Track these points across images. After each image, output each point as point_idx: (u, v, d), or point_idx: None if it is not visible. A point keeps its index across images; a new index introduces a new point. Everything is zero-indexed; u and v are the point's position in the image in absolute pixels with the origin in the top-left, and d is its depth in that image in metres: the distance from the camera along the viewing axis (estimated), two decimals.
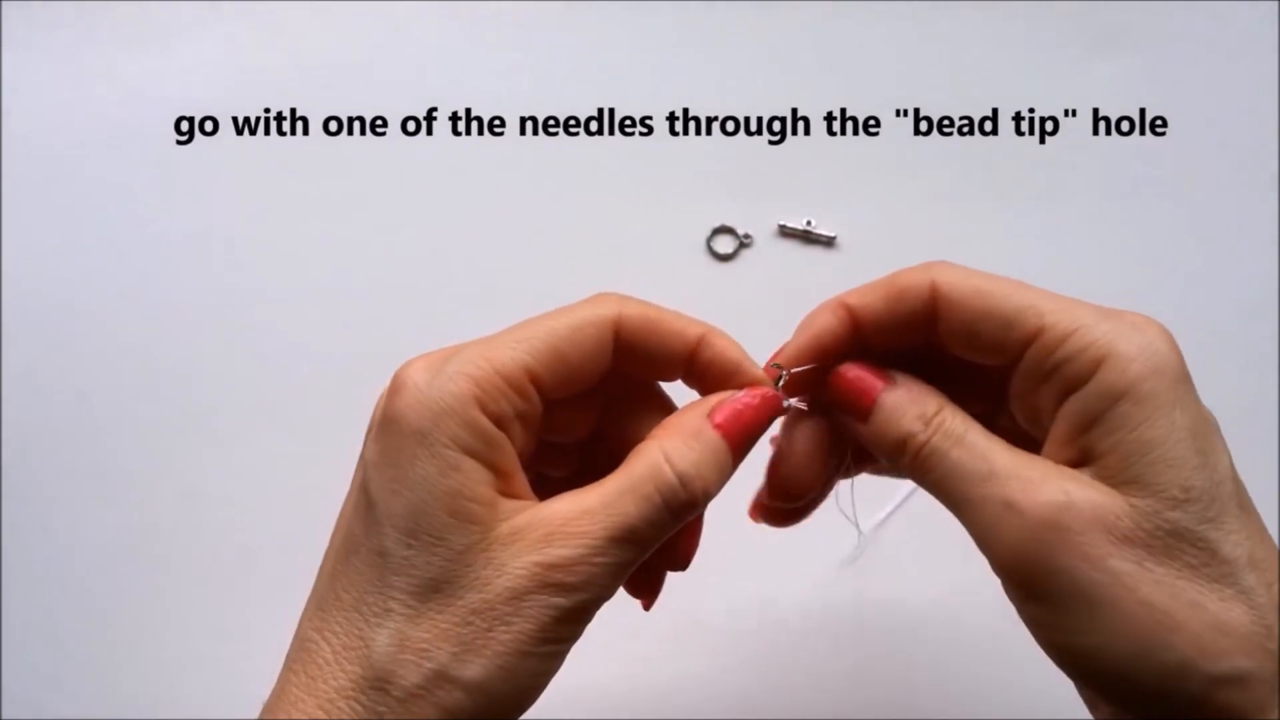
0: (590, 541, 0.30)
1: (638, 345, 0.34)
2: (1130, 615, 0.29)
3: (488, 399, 0.31)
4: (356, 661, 0.30)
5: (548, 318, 0.33)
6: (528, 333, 0.32)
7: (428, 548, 0.30)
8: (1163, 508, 0.29)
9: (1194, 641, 0.28)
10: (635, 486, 0.31)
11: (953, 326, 0.33)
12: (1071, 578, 0.29)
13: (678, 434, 0.32)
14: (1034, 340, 0.31)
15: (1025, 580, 0.30)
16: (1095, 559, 0.29)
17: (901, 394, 0.33)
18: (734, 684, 0.53)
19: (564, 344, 0.32)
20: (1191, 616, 0.28)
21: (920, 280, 0.33)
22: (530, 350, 0.32)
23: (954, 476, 0.31)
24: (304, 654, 0.31)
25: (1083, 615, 0.29)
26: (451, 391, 0.30)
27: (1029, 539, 0.30)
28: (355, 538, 0.31)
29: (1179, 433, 0.30)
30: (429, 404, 0.30)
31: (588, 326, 0.33)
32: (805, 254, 0.59)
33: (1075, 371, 0.31)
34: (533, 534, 0.30)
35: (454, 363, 0.31)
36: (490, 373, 0.31)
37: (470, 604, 0.30)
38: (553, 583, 0.30)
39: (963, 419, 0.33)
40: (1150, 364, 0.30)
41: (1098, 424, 0.30)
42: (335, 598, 0.31)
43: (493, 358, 0.31)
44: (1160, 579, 0.29)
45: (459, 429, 0.30)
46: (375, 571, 0.31)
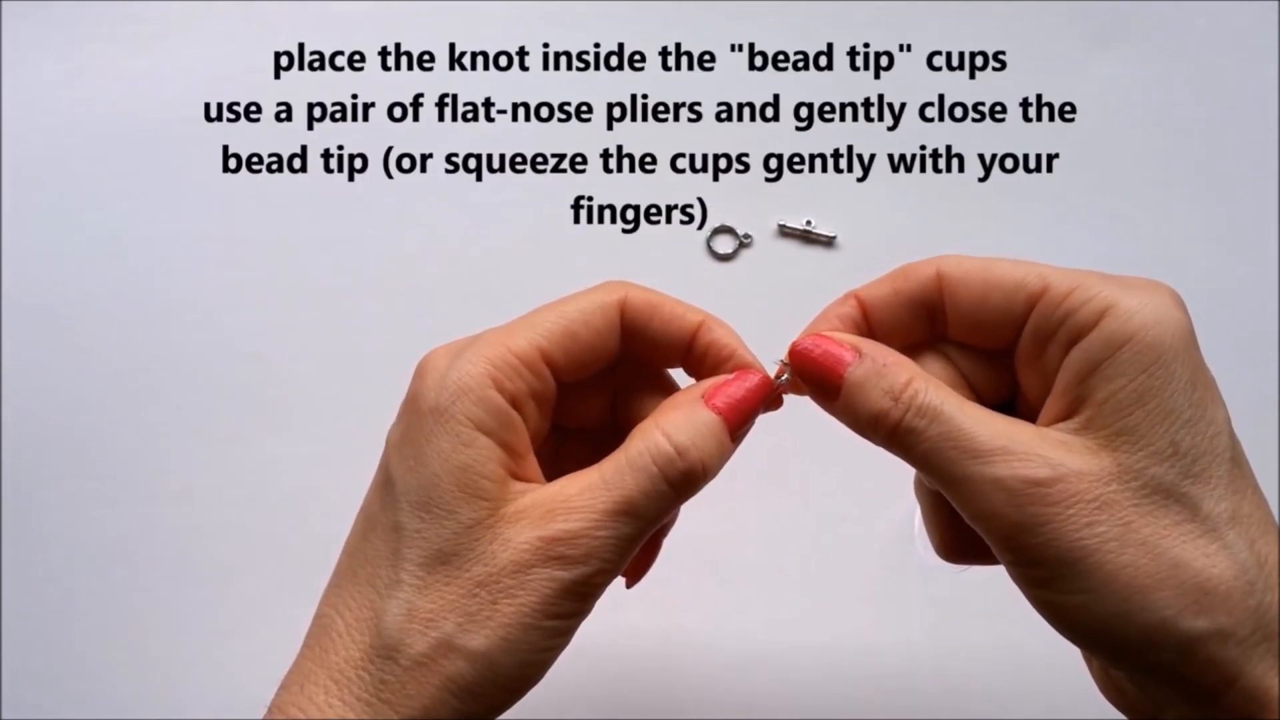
0: (591, 515, 0.31)
1: (641, 328, 0.35)
2: (1113, 577, 0.30)
3: (503, 378, 0.32)
4: (367, 633, 0.31)
5: (559, 304, 0.34)
6: (541, 317, 0.34)
7: (438, 520, 0.31)
8: (1150, 463, 0.30)
9: (1174, 600, 0.29)
10: (633, 460, 0.32)
11: (960, 304, 0.34)
12: (1060, 545, 0.30)
13: (673, 411, 0.33)
14: (1039, 299, 0.32)
15: (1015, 547, 0.31)
16: (1081, 526, 0.30)
17: (868, 367, 0.33)
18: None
19: (575, 325, 0.34)
20: (1172, 576, 0.29)
21: (926, 266, 0.34)
22: (544, 333, 0.33)
23: (936, 455, 0.31)
24: (319, 629, 0.33)
25: (1070, 578, 0.30)
26: (469, 372, 0.32)
27: (1017, 512, 0.30)
28: (373, 515, 0.33)
29: (1176, 384, 0.30)
30: (447, 384, 0.32)
31: (596, 309, 0.34)
32: (805, 254, 0.59)
33: (1080, 322, 0.31)
34: (536, 510, 0.32)
35: (473, 347, 0.33)
36: (505, 353, 0.33)
37: (476, 576, 0.31)
38: (555, 555, 0.31)
39: (935, 388, 0.32)
40: (1153, 316, 0.31)
41: (1097, 371, 0.31)
42: (352, 574, 0.33)
43: (508, 340, 0.33)
44: (1145, 539, 0.30)
45: (474, 406, 0.32)
46: (389, 545, 0.32)
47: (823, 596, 0.55)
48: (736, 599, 0.55)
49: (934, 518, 0.38)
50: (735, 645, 0.55)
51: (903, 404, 0.32)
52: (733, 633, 0.55)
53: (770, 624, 0.55)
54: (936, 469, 0.32)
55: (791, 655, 0.54)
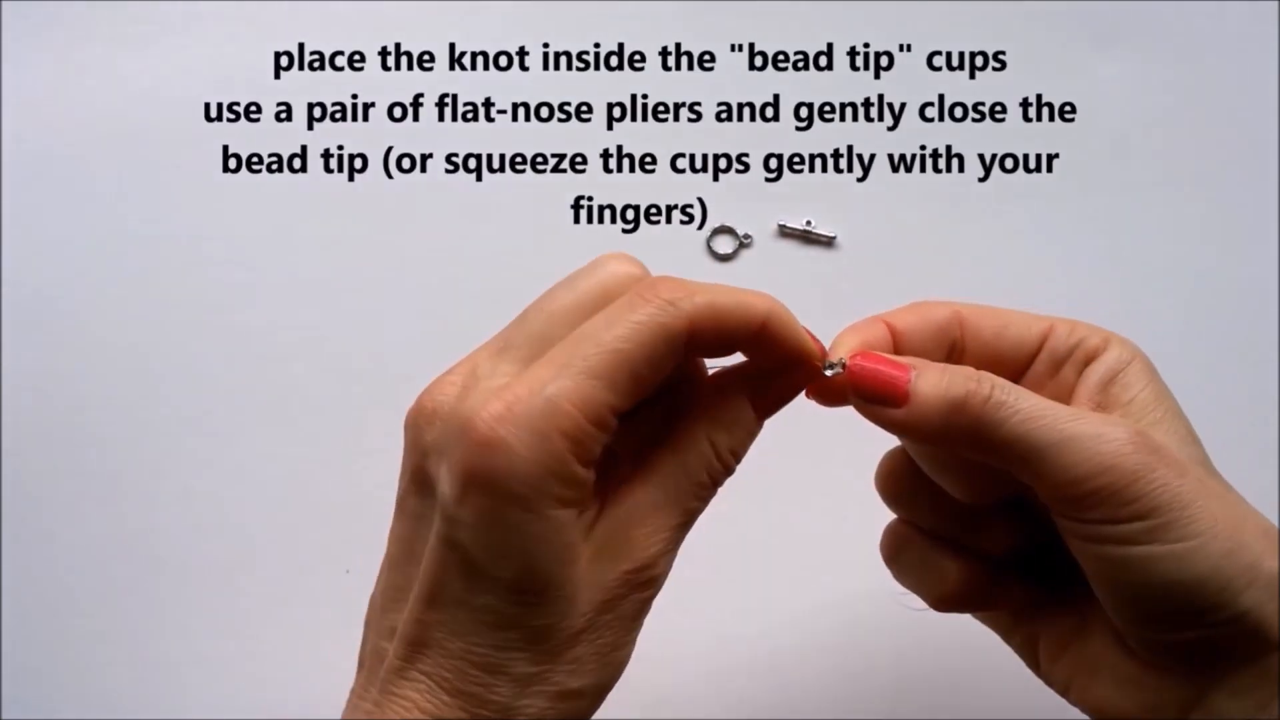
0: (664, 536, 0.33)
1: (708, 341, 0.33)
2: (1216, 520, 0.32)
3: (583, 451, 0.30)
4: (481, 704, 0.31)
5: (610, 330, 0.31)
6: (600, 358, 0.31)
7: (543, 603, 0.31)
8: (1183, 446, 0.34)
9: (1258, 541, 0.32)
10: (691, 475, 0.34)
11: (982, 334, 0.37)
12: (1172, 490, 0.32)
13: (720, 422, 0.34)
14: (1050, 333, 0.37)
15: (1130, 499, 0.32)
16: (1180, 475, 0.32)
17: (932, 369, 0.34)
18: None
19: (639, 366, 0.31)
20: (1245, 523, 0.33)
21: (942, 305, 0.38)
22: (611, 384, 0.31)
23: (1032, 421, 0.33)
24: (415, 692, 0.31)
25: (1182, 523, 0.32)
26: (549, 452, 0.30)
27: (1132, 459, 0.32)
28: (454, 593, 0.31)
29: (1171, 397, 0.36)
30: (531, 468, 0.30)
31: (659, 342, 0.31)
32: (805, 254, 0.59)
33: (1092, 345, 0.37)
34: (613, 543, 0.32)
35: (544, 415, 0.30)
36: (582, 423, 0.30)
37: (578, 627, 0.32)
38: (640, 583, 0.33)
39: (1001, 378, 0.34)
40: (1139, 352, 0.37)
41: (1117, 380, 0.36)
42: (438, 644, 0.31)
43: (577, 402, 0.30)
44: (1217, 493, 0.33)
45: (561, 489, 0.30)
46: (485, 627, 0.31)
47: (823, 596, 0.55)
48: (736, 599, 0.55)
49: (923, 574, 0.39)
50: (735, 645, 0.55)
51: (987, 382, 0.33)
52: (732, 633, 0.55)
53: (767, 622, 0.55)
54: (1031, 439, 0.32)
55: (791, 656, 0.54)
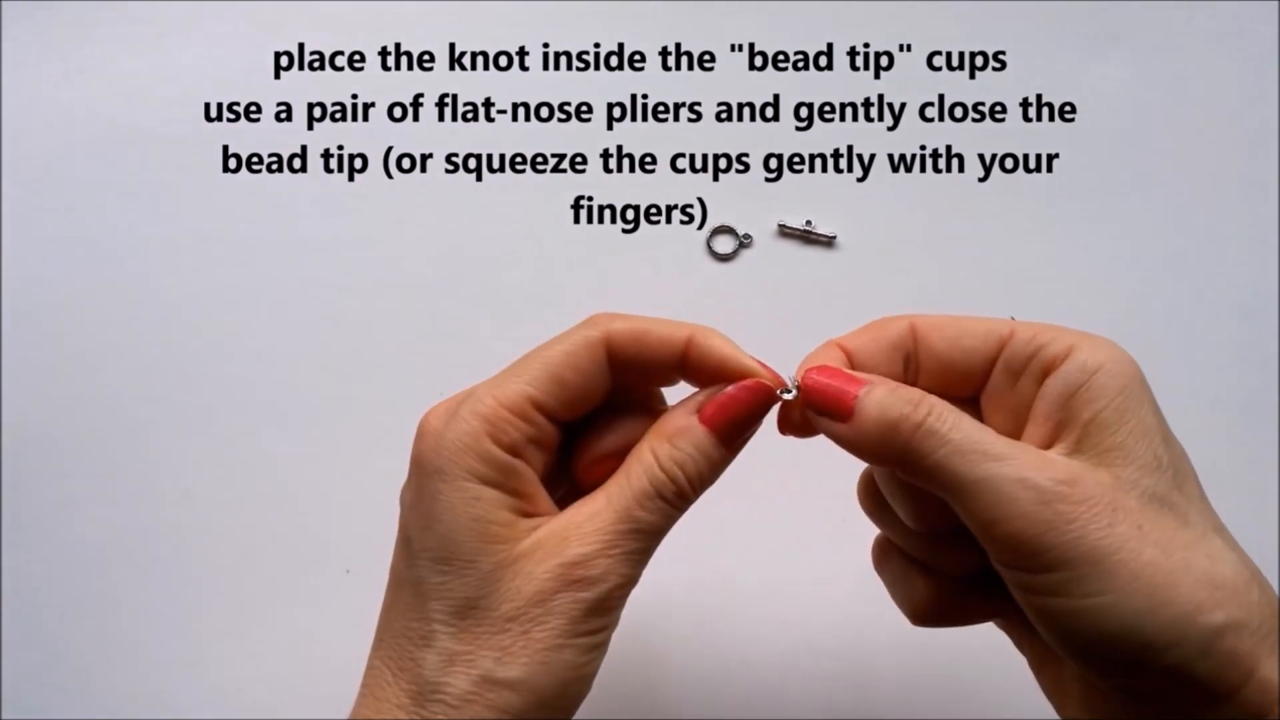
0: (602, 537, 0.34)
1: (631, 358, 0.36)
2: (1137, 575, 0.30)
3: (498, 431, 0.34)
4: (412, 680, 0.34)
5: (544, 349, 0.36)
6: (527, 366, 0.35)
7: (459, 572, 0.34)
8: (1142, 475, 0.32)
9: (1194, 595, 0.30)
10: (632, 483, 0.35)
11: (935, 346, 0.36)
12: (1085, 543, 0.31)
13: (663, 434, 0.35)
14: (1008, 341, 0.35)
15: (1039, 550, 0.31)
16: (1103, 526, 0.31)
17: (881, 388, 0.34)
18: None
19: (561, 369, 0.35)
20: (1185, 573, 0.31)
21: (899, 320, 0.37)
22: (531, 381, 0.35)
23: (957, 456, 0.32)
24: (371, 679, 0.35)
25: (1094, 578, 0.31)
26: (464, 430, 0.34)
27: (1044, 510, 0.31)
28: (399, 573, 0.35)
29: (1146, 406, 0.33)
30: (446, 445, 0.34)
31: (580, 350, 0.35)
32: (805, 254, 0.59)
33: (1051, 354, 0.34)
34: (551, 541, 0.34)
35: (466, 405, 0.34)
36: (496, 408, 0.34)
37: (505, 613, 0.33)
38: (575, 579, 0.33)
39: (948, 405, 0.33)
40: (1113, 352, 0.34)
41: (1077, 395, 0.33)
42: (389, 628, 0.35)
43: (498, 394, 0.34)
44: (1156, 541, 0.31)
45: (475, 462, 0.34)
46: (417, 600, 0.34)
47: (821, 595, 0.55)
48: (735, 598, 0.55)
49: (899, 588, 0.39)
50: (733, 644, 0.55)
51: (923, 408, 0.33)
52: (731, 632, 0.55)
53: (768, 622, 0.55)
54: (954, 473, 0.32)
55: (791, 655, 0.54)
